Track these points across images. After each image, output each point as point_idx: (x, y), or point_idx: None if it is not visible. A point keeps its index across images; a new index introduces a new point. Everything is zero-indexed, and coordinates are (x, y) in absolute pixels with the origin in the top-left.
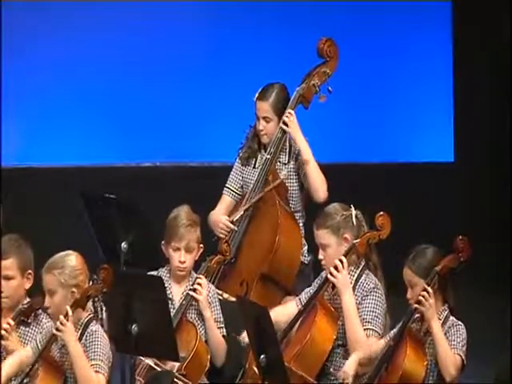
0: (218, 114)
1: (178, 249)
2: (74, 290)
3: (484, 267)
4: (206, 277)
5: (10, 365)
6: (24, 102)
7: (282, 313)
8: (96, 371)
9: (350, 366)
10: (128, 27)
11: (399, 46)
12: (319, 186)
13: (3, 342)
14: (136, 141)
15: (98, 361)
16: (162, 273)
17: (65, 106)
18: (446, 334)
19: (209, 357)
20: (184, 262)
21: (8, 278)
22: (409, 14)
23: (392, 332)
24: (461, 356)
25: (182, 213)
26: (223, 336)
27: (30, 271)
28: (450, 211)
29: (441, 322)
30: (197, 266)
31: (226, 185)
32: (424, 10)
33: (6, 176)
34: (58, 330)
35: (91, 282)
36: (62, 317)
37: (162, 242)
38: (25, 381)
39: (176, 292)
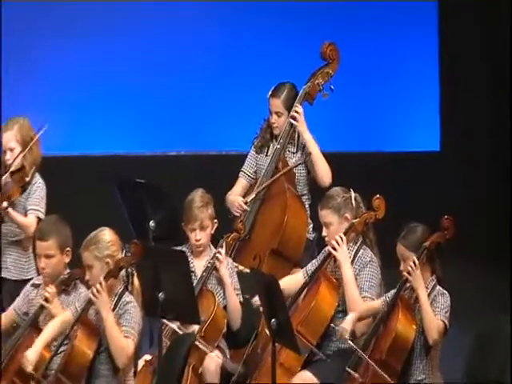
0: (235, 108)
1: (194, 229)
2: (108, 260)
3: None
4: (223, 251)
5: (52, 327)
6: (65, 97)
7: (291, 282)
8: (126, 336)
9: (347, 323)
10: (153, 29)
11: (387, 42)
12: (324, 172)
13: (46, 305)
14: (162, 132)
15: (128, 327)
16: (185, 249)
17: (100, 102)
18: (432, 301)
19: (225, 321)
20: (199, 239)
21: (49, 257)
22: (397, 13)
23: (383, 297)
24: (444, 322)
25: (196, 196)
26: (240, 302)
27: (68, 248)
28: (437, 197)
29: (428, 290)
30: (215, 242)
31: (242, 169)
32: (411, 9)
33: (49, 164)
34: (93, 295)
35: (123, 254)
36: (97, 285)
37: (182, 223)
38: (65, 341)
39: (197, 265)
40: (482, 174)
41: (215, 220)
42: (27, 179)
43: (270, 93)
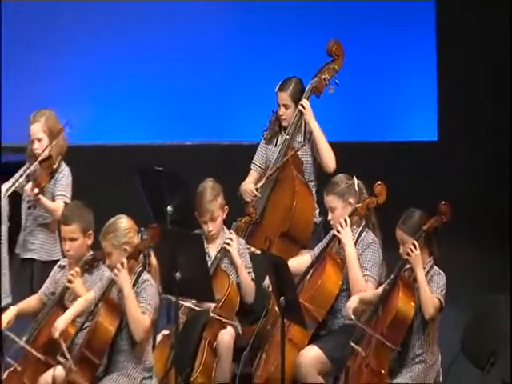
0: (247, 100)
1: (205, 221)
2: (125, 247)
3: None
4: (236, 234)
5: (78, 304)
6: (90, 91)
7: (299, 263)
8: (143, 312)
9: (351, 302)
10: (171, 27)
11: (388, 38)
12: (329, 159)
13: (70, 285)
14: (179, 123)
15: (145, 304)
16: (201, 232)
17: (121, 96)
18: (429, 281)
19: (238, 299)
20: (211, 230)
21: (73, 240)
22: (397, 10)
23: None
24: (439, 299)
25: (207, 189)
26: (252, 279)
27: (90, 232)
28: (434, 184)
29: (426, 270)
30: (228, 225)
31: (253, 161)
32: (410, 6)
33: (74, 153)
34: (115, 275)
35: (140, 237)
36: (118, 264)
37: (196, 213)
38: (89, 318)
39: (211, 247)
40: (478, 163)
41: (226, 207)
42: (54, 167)
43: (277, 87)
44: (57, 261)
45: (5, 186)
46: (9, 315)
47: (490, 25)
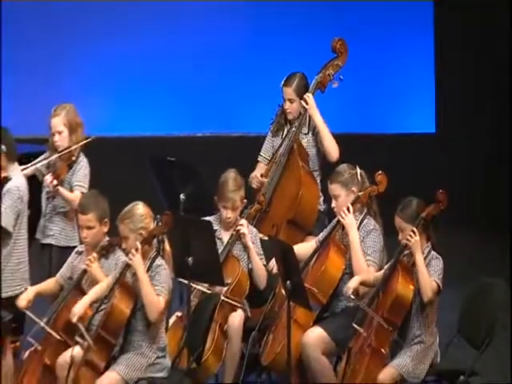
0: (253, 95)
1: (226, 207)
2: (141, 232)
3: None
4: (246, 221)
5: (97, 289)
6: (107, 85)
7: (304, 248)
8: (158, 294)
9: (352, 283)
10: (183, 26)
11: (388, 36)
12: (332, 149)
13: (89, 269)
14: (190, 116)
15: (159, 287)
16: (214, 219)
17: (136, 91)
18: (427, 265)
19: (248, 284)
20: (230, 217)
21: (89, 228)
22: (396, 10)
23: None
24: (437, 282)
25: (230, 179)
26: (263, 265)
27: (106, 220)
28: (432, 174)
29: (424, 255)
30: (240, 213)
31: (261, 153)
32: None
33: (92, 144)
34: (130, 259)
35: (155, 224)
36: (133, 249)
37: (215, 197)
38: (105, 301)
39: (224, 234)
40: (475, 154)
41: (245, 200)
42: (73, 158)
43: (282, 82)
44: (74, 247)
45: (23, 167)
46: (28, 295)
47: (488, 18)
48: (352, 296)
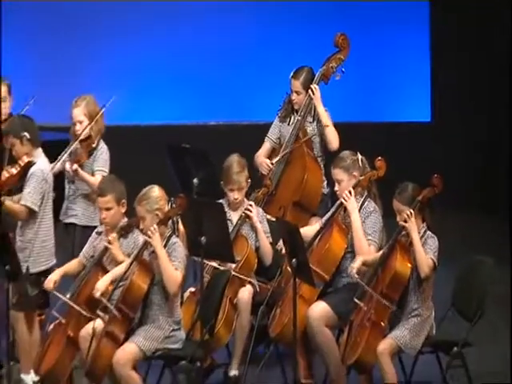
0: (263, 86)
1: (232, 190)
2: (157, 212)
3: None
4: (255, 203)
5: (119, 268)
6: (128, 77)
7: (309, 230)
8: (175, 268)
9: (355, 263)
10: (201, 23)
11: (386, 30)
12: (333, 138)
13: (109, 247)
14: (203, 105)
15: (177, 262)
16: (223, 202)
17: (153, 81)
18: (423, 244)
19: (256, 261)
20: (237, 198)
21: (108, 209)
22: (394, 8)
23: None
24: (433, 259)
25: (234, 163)
26: (270, 243)
27: (123, 201)
28: (427, 161)
29: (420, 235)
30: (248, 196)
31: (268, 135)
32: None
33: (112, 132)
34: (149, 237)
35: (170, 206)
36: (151, 228)
37: (222, 182)
38: (125, 277)
39: (233, 215)
40: (469, 142)
41: (249, 180)
42: (93, 146)
43: (291, 74)
44: (95, 226)
45: (51, 165)
46: (55, 276)
47: (482, 15)
48: (356, 275)
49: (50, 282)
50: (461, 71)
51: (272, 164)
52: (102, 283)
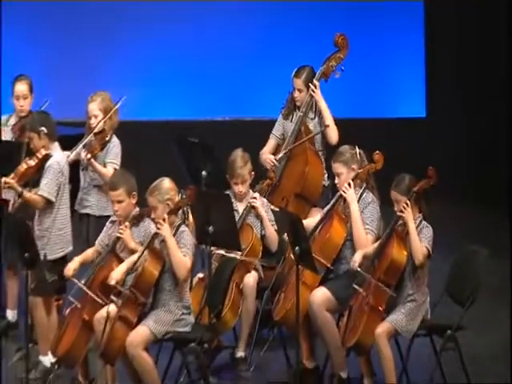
0: (267, 83)
1: (236, 183)
2: (168, 202)
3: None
4: (259, 194)
5: (130, 261)
6: (139, 75)
7: (311, 221)
8: (184, 255)
9: (356, 257)
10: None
11: (382, 29)
12: (332, 135)
13: (122, 237)
14: (210, 102)
15: (185, 249)
16: (230, 193)
17: (163, 79)
18: (419, 233)
19: (261, 248)
20: (241, 190)
21: (120, 202)
22: (390, 8)
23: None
24: (427, 248)
25: (238, 157)
26: (275, 230)
27: (134, 193)
28: (423, 155)
29: (416, 224)
30: (253, 188)
31: (272, 132)
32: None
33: (124, 127)
34: (158, 228)
35: (180, 197)
36: (161, 220)
37: (227, 176)
38: (138, 263)
39: (239, 206)
40: (461, 136)
41: (252, 172)
42: (107, 139)
43: (293, 73)
44: (108, 216)
45: (67, 154)
46: (74, 264)
47: (477, 7)
48: (358, 269)
49: (69, 270)
50: (454, 68)
51: (276, 160)
52: (118, 273)
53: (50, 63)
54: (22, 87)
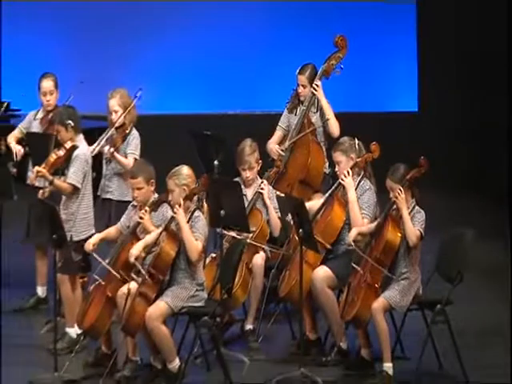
0: (274, 80)
1: (244, 169)
2: (185, 188)
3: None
4: (267, 181)
5: (150, 237)
6: (157, 72)
7: (314, 204)
8: (196, 239)
9: (351, 234)
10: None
11: (379, 30)
12: (334, 129)
13: (141, 221)
14: (223, 97)
15: (198, 233)
16: (239, 180)
17: (182, 77)
18: (412, 217)
19: (268, 231)
20: (249, 176)
21: (139, 189)
22: (385, 11)
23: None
24: (420, 231)
25: (246, 146)
26: (278, 217)
27: (152, 180)
28: (416, 148)
29: (409, 209)
30: (261, 175)
31: (279, 124)
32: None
33: (142, 121)
34: (174, 213)
35: (196, 184)
36: (176, 205)
37: (236, 163)
38: (155, 245)
39: (248, 191)
40: (450, 129)
41: (260, 161)
42: (127, 132)
43: (297, 71)
44: (128, 201)
45: (91, 148)
46: (94, 240)
47: (466, 6)
48: (352, 243)
49: (89, 244)
50: (445, 66)
51: (282, 150)
52: (136, 249)
53: (75, 61)
54: (47, 84)
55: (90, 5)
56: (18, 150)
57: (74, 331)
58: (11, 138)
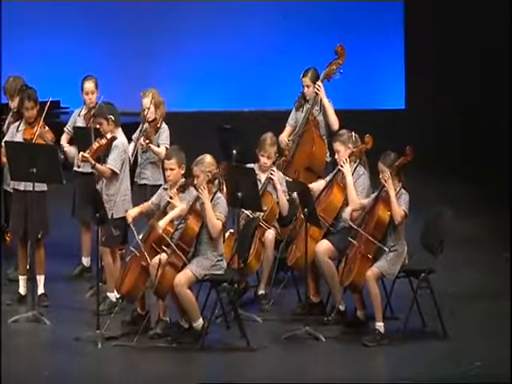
0: (284, 81)
1: (263, 155)
2: (208, 174)
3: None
4: (277, 168)
5: (175, 211)
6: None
7: (317, 186)
8: (217, 218)
9: (347, 209)
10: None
11: (372, 32)
12: (334, 123)
13: (171, 201)
14: (239, 95)
15: (218, 213)
16: (255, 166)
17: (207, 78)
18: (398, 198)
19: (278, 211)
20: (266, 163)
21: (172, 169)
22: (375, 11)
23: (369, 198)
24: (405, 210)
25: (268, 137)
26: (287, 199)
27: (183, 164)
28: (402, 138)
29: (396, 191)
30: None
31: (288, 121)
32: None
33: (173, 116)
34: (199, 193)
35: (218, 170)
36: (202, 186)
37: (257, 150)
38: (182, 220)
39: (262, 176)
40: (434, 124)
41: (277, 154)
42: (158, 126)
43: (302, 74)
44: (160, 185)
45: (131, 146)
46: (133, 213)
47: (453, 5)
48: (348, 220)
49: (129, 216)
50: (431, 65)
51: (290, 141)
52: (163, 222)
53: (114, 64)
54: (89, 85)
55: (127, 11)
56: (69, 150)
57: (113, 295)
58: (63, 141)
